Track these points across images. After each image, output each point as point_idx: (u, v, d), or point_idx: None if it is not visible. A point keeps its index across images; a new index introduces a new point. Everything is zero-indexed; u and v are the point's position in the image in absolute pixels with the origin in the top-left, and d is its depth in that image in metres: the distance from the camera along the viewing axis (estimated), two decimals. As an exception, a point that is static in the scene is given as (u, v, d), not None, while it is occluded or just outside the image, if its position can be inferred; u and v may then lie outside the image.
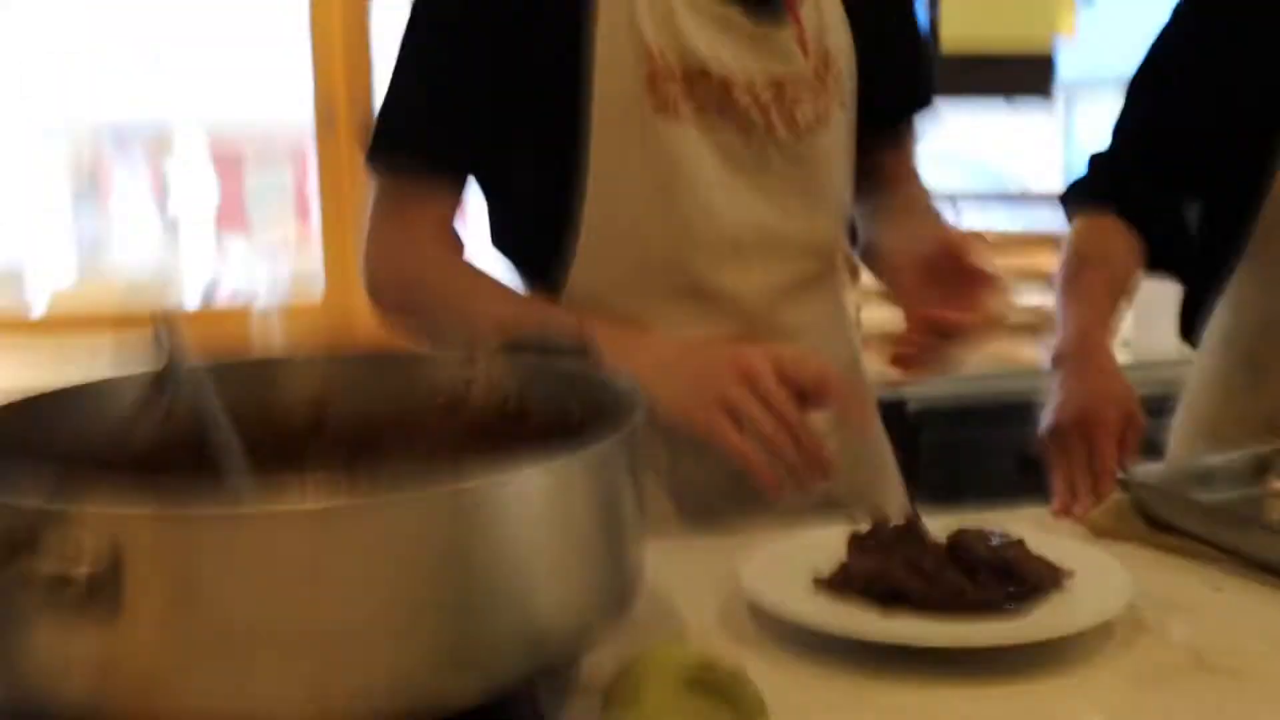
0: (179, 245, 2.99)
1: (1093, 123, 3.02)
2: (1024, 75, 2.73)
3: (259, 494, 0.78)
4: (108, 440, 0.84)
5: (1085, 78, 2.89)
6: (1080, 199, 1.44)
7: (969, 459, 1.29)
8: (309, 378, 0.94)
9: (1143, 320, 2.49)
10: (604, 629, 0.74)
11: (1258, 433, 1.27)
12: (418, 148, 1.18)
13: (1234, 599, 0.97)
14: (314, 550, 0.61)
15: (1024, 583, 0.92)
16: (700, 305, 1.17)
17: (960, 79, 2.62)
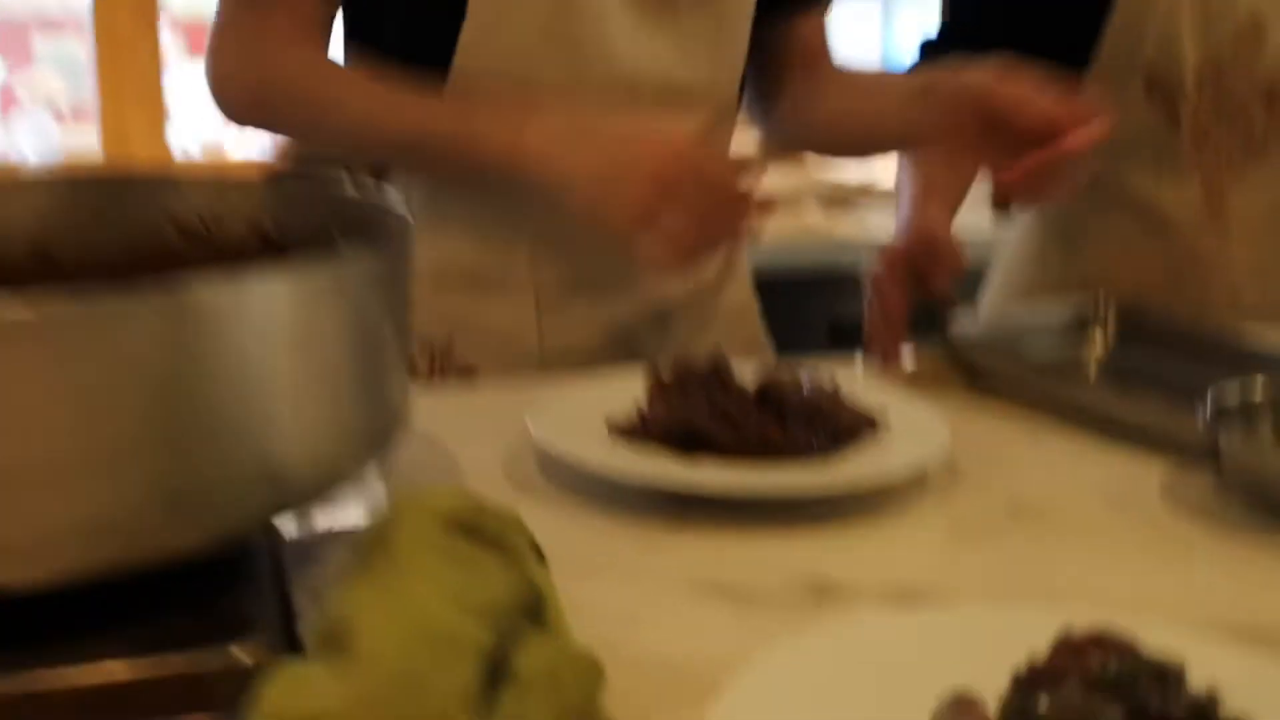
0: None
1: (911, 15, 2.97)
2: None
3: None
4: None
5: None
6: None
7: (781, 330, 1.22)
8: (33, 202, 0.81)
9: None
10: (354, 470, 0.64)
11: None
12: None
13: (1053, 451, 0.92)
14: (3, 371, 0.51)
15: (836, 430, 0.84)
16: None
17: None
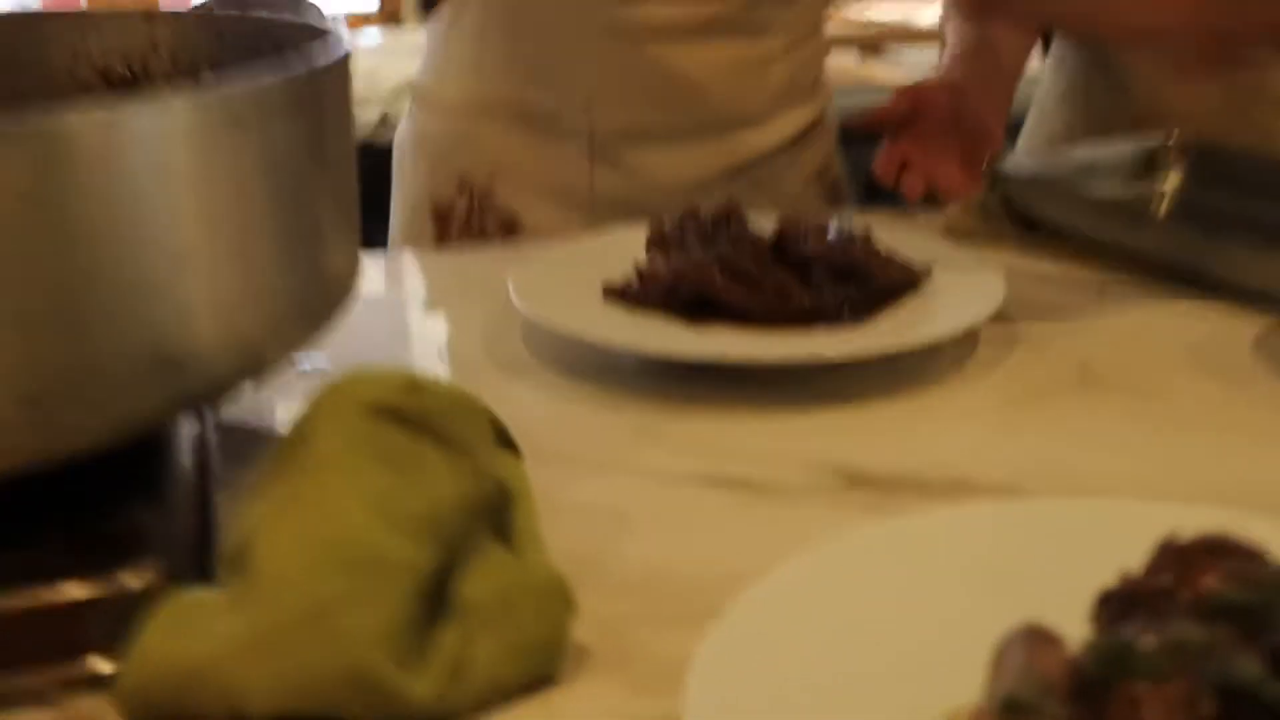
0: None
1: None
2: None
3: None
4: None
5: None
6: None
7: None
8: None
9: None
10: (280, 351, 0.53)
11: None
12: None
13: (1125, 307, 0.80)
14: None
15: (870, 288, 0.72)
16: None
17: None
